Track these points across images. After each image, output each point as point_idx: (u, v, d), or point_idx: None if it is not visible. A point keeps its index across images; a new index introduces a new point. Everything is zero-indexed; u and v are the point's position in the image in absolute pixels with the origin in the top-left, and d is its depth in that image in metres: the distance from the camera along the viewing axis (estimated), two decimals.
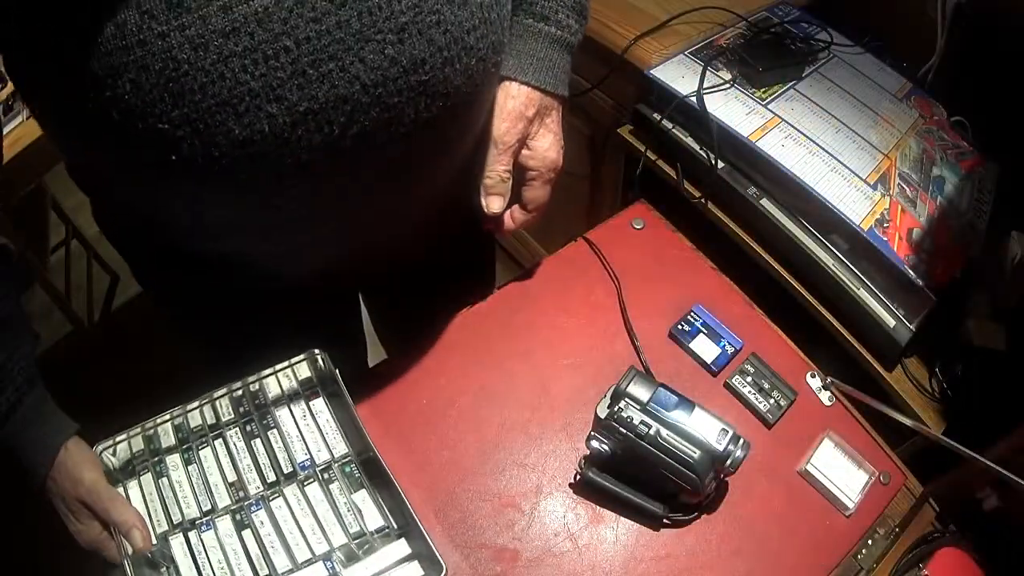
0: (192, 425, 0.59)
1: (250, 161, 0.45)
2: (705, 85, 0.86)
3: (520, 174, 0.67)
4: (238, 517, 0.54)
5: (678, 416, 0.58)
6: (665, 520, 0.61)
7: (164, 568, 0.53)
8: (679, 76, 0.88)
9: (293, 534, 0.53)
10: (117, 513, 0.53)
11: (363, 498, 0.56)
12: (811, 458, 0.66)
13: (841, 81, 0.91)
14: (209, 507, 0.54)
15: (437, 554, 0.52)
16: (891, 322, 0.75)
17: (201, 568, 0.52)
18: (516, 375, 0.70)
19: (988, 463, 0.56)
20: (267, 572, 0.51)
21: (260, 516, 0.54)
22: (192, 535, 0.53)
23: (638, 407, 0.59)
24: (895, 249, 0.75)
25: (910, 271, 0.74)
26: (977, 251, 0.81)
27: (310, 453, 0.57)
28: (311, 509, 0.54)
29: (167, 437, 0.59)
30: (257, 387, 0.60)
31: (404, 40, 0.45)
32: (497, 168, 0.63)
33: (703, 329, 0.73)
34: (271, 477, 0.56)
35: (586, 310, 0.75)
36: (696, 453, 0.57)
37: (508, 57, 0.61)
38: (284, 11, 0.41)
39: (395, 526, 0.55)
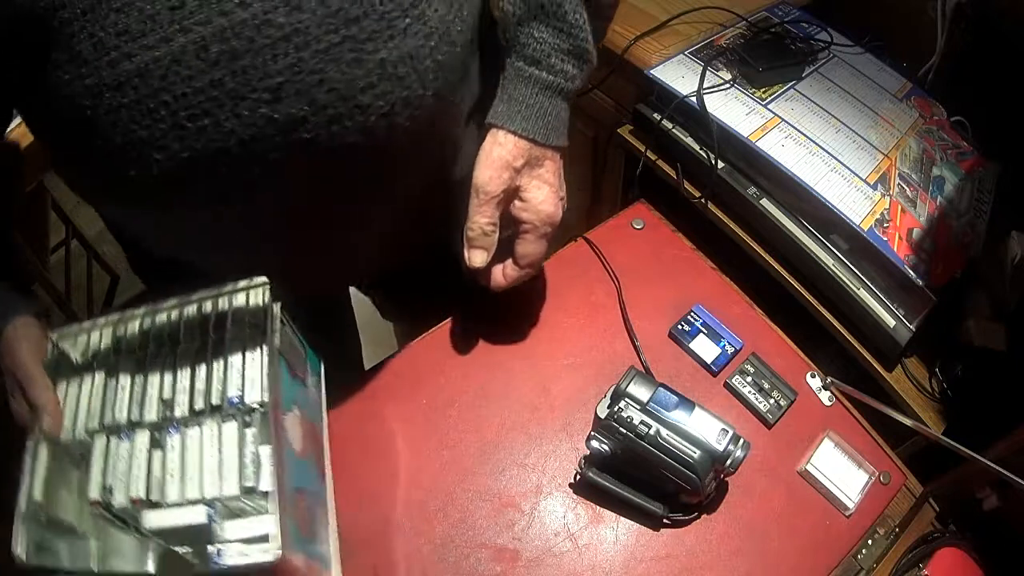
0: (156, 329, 0.58)
1: (152, 195, 0.49)
2: (705, 85, 0.86)
3: (513, 227, 0.62)
4: (155, 435, 0.53)
5: (678, 416, 0.58)
6: (665, 520, 0.61)
7: (81, 464, 0.53)
8: (679, 76, 0.88)
9: (193, 468, 0.51)
10: (34, 395, 0.53)
11: (268, 454, 0.52)
12: (811, 458, 0.66)
13: (841, 81, 0.91)
14: (137, 418, 0.53)
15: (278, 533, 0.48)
16: (891, 322, 0.75)
17: (107, 474, 0.51)
18: (516, 375, 0.70)
19: (988, 463, 0.56)
20: (157, 498, 0.50)
21: (174, 441, 0.52)
22: (113, 440, 0.53)
23: (638, 407, 0.59)
24: (895, 249, 0.75)
25: (910, 271, 0.74)
26: (977, 251, 0.81)
27: (243, 391, 0.54)
28: (219, 449, 0.52)
29: (132, 338, 0.58)
30: (226, 305, 0.58)
31: (281, 99, 0.46)
32: (478, 219, 0.59)
33: (703, 329, 0.73)
34: (199, 405, 0.54)
35: (586, 310, 0.75)
36: (696, 453, 0.57)
37: (499, 102, 0.59)
38: (162, 69, 0.44)
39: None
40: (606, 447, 0.59)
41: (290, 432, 0.55)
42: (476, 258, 0.60)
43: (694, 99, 0.85)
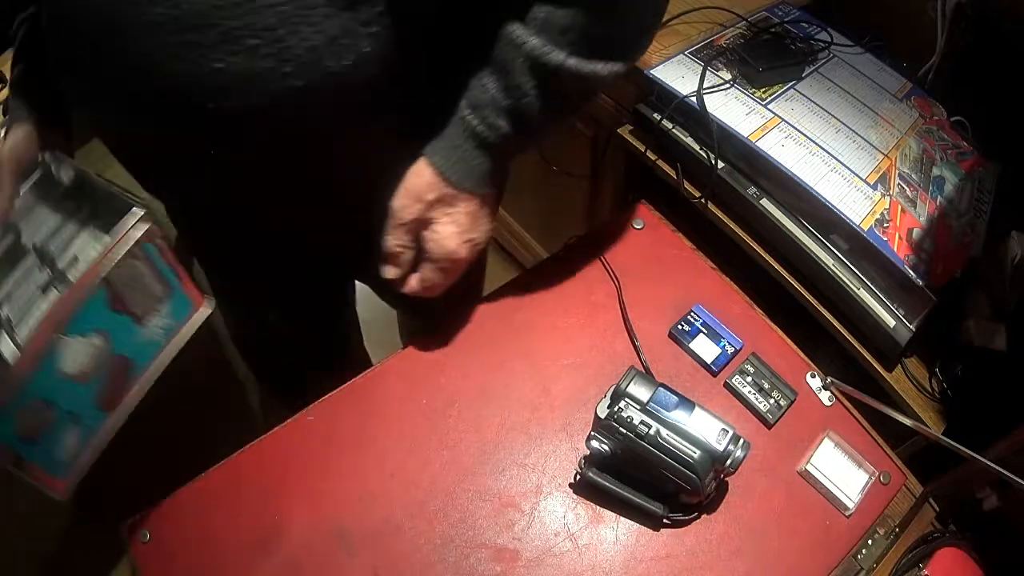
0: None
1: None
2: (705, 85, 0.86)
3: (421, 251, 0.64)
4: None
5: (678, 416, 0.58)
6: (665, 520, 0.61)
7: None
8: (679, 76, 0.88)
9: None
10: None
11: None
12: (811, 458, 0.66)
13: (841, 81, 0.91)
14: None
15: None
16: (891, 322, 0.75)
17: None
18: (516, 375, 0.70)
19: (988, 463, 0.56)
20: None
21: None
22: None
23: (638, 407, 0.59)
24: (895, 249, 0.75)
25: (910, 271, 0.74)
26: (977, 251, 0.81)
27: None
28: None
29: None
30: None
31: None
32: (389, 239, 0.62)
33: (703, 329, 0.73)
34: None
35: (586, 310, 0.75)
36: (696, 453, 0.57)
37: (438, 135, 0.59)
38: None
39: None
40: (606, 447, 0.59)
41: (68, 353, 0.56)
42: (387, 272, 0.64)
43: (694, 99, 0.85)
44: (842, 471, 0.65)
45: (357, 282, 0.96)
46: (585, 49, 0.53)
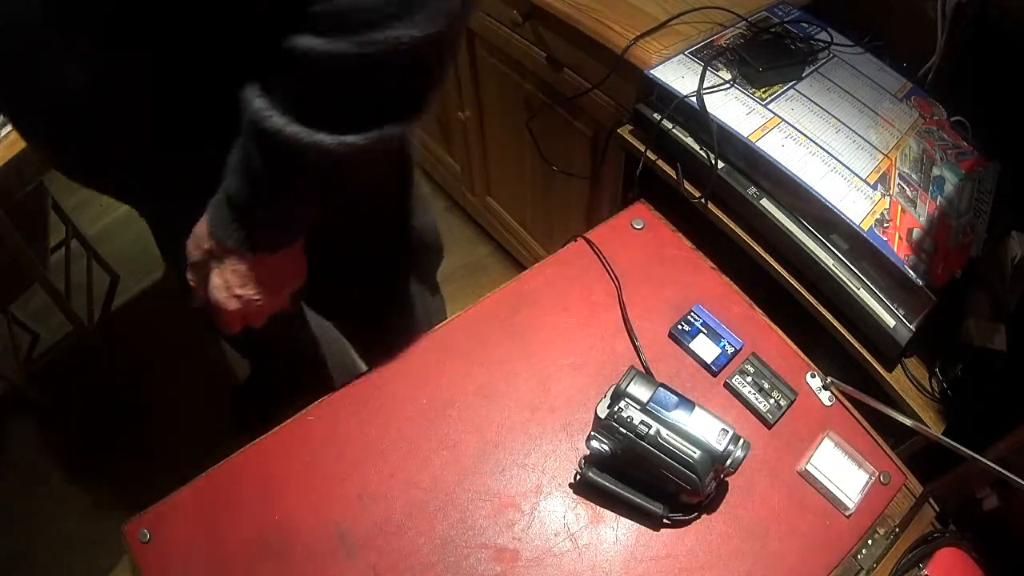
0: None
1: None
2: (705, 85, 0.86)
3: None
4: None
5: (678, 416, 0.58)
6: (665, 520, 0.61)
7: None
8: (679, 76, 0.88)
9: None
10: None
11: None
12: (811, 458, 0.66)
13: (841, 81, 0.91)
14: None
15: None
16: (891, 322, 0.75)
17: None
18: (516, 375, 0.70)
19: (988, 463, 0.56)
20: None
21: None
22: None
23: (638, 407, 0.59)
24: (895, 249, 0.75)
25: (910, 271, 0.74)
26: (977, 251, 0.81)
27: None
28: None
29: None
30: None
31: None
32: (187, 274, 0.61)
33: (703, 329, 0.73)
34: None
35: (586, 310, 0.75)
36: (696, 453, 0.57)
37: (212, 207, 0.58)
38: None
39: None
40: (606, 447, 0.59)
41: None
42: (194, 298, 0.62)
43: (694, 99, 0.85)
44: (842, 471, 0.65)
45: None
46: (310, 117, 0.48)
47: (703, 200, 0.88)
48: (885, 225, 0.76)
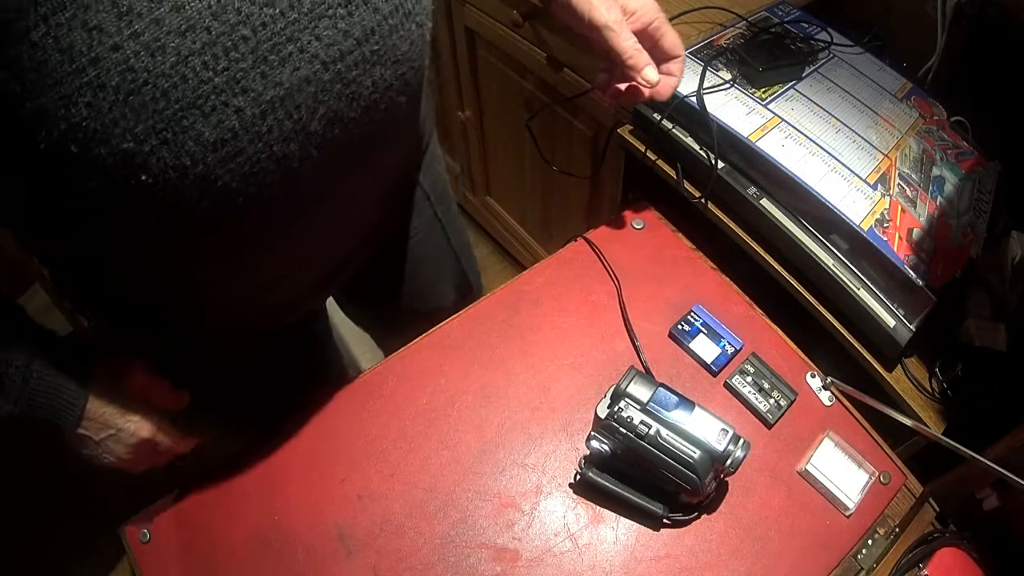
0: None
1: (225, 163, 0.43)
2: (705, 85, 0.86)
3: (643, 39, 0.67)
4: None
5: (678, 416, 0.58)
6: (665, 520, 0.61)
7: None
8: None
9: None
10: None
11: None
12: (811, 458, 0.66)
13: (841, 81, 0.91)
14: None
15: None
16: (891, 322, 0.75)
17: None
18: (516, 375, 0.70)
19: (988, 463, 0.56)
20: None
21: None
22: None
23: (638, 407, 0.59)
24: (895, 249, 0.75)
25: (910, 271, 0.74)
26: (977, 251, 0.81)
27: None
28: None
29: None
30: None
31: (352, 12, 0.45)
32: (627, 44, 0.64)
33: (703, 329, 0.73)
34: None
35: (586, 310, 0.75)
36: (696, 453, 0.57)
37: None
38: (236, 0, 0.40)
39: None
40: (606, 447, 0.59)
41: None
42: (651, 74, 0.65)
43: (694, 99, 0.85)
44: (842, 471, 0.65)
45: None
46: None
47: (703, 200, 0.88)
48: (885, 225, 0.76)
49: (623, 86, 0.71)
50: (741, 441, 0.58)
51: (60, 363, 0.52)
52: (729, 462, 0.57)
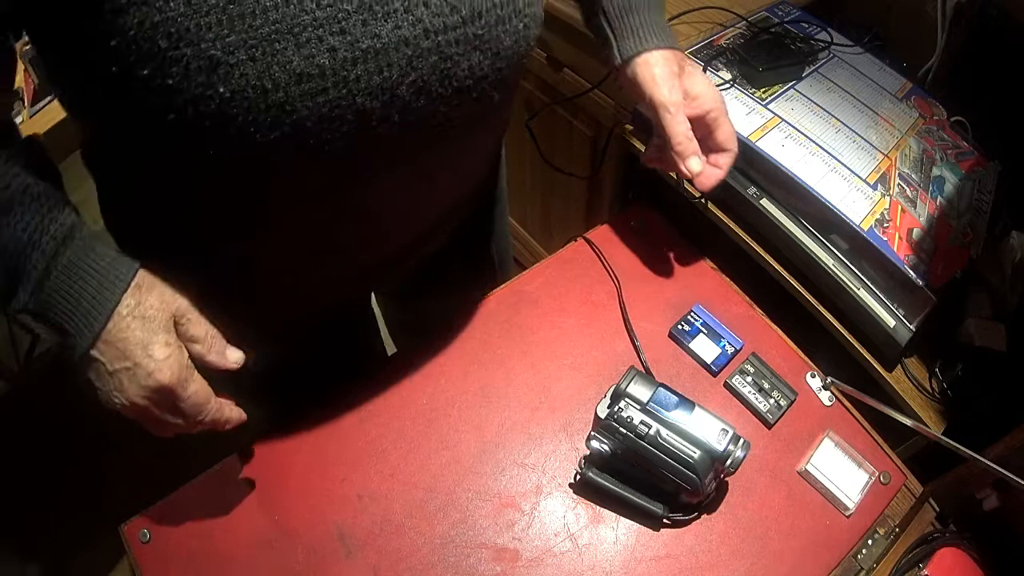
0: None
1: (305, 99, 0.42)
2: None
3: (698, 127, 0.68)
4: None
5: (678, 416, 0.58)
6: (665, 520, 0.61)
7: None
8: None
9: None
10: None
11: None
12: (811, 458, 0.66)
13: (841, 81, 0.91)
14: None
15: None
16: (891, 322, 0.75)
17: None
18: (516, 375, 0.70)
19: (988, 463, 0.56)
20: None
21: None
22: None
23: (638, 407, 0.59)
24: (895, 249, 0.75)
25: (910, 271, 0.74)
26: (977, 251, 0.81)
27: None
28: None
29: None
30: None
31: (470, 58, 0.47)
32: (679, 130, 0.64)
33: (703, 329, 0.73)
34: None
35: (586, 310, 0.75)
36: (696, 453, 0.57)
37: (623, 39, 0.65)
38: None
39: None
40: (606, 447, 0.59)
41: None
42: (694, 165, 0.66)
43: None
44: (842, 471, 0.65)
45: None
46: None
47: (703, 200, 0.88)
48: (885, 225, 0.76)
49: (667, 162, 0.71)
50: (741, 441, 0.58)
51: (91, 259, 0.47)
52: (729, 462, 0.57)
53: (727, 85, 0.87)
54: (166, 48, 0.39)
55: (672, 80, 0.64)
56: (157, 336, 0.48)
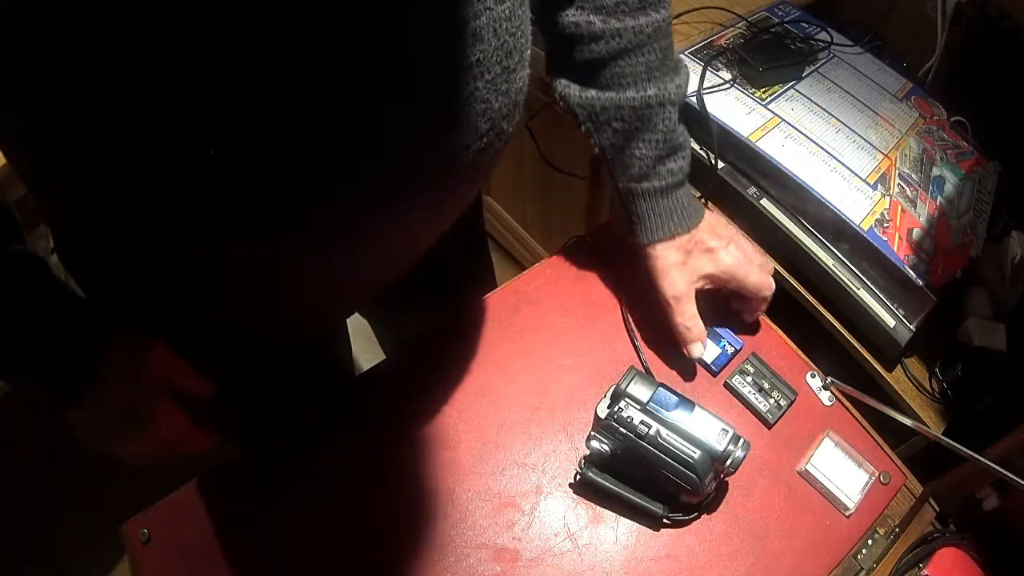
0: None
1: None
2: (705, 85, 0.86)
3: (733, 302, 0.72)
4: None
5: (678, 416, 0.58)
6: (665, 520, 0.61)
7: None
8: None
9: None
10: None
11: None
12: (811, 458, 0.66)
13: (841, 81, 0.91)
14: None
15: None
16: (891, 322, 0.75)
17: None
18: (516, 375, 0.70)
19: (988, 463, 0.56)
20: None
21: None
22: None
23: (638, 407, 0.59)
24: (895, 249, 0.75)
25: (910, 271, 0.74)
26: (977, 251, 0.81)
27: None
28: None
29: None
30: None
31: (458, 126, 0.46)
32: (679, 321, 0.66)
33: None
34: None
35: (586, 310, 0.75)
36: (696, 453, 0.57)
37: (635, 225, 0.66)
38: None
39: None
40: (606, 447, 0.59)
41: None
42: (695, 351, 0.67)
43: (694, 99, 0.85)
44: (842, 471, 0.65)
45: None
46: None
47: (703, 200, 0.88)
48: (885, 225, 0.76)
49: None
50: (741, 441, 0.58)
51: (72, 327, 0.47)
52: (729, 462, 0.57)
53: (727, 85, 0.88)
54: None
55: (674, 272, 0.66)
56: (147, 388, 0.51)
